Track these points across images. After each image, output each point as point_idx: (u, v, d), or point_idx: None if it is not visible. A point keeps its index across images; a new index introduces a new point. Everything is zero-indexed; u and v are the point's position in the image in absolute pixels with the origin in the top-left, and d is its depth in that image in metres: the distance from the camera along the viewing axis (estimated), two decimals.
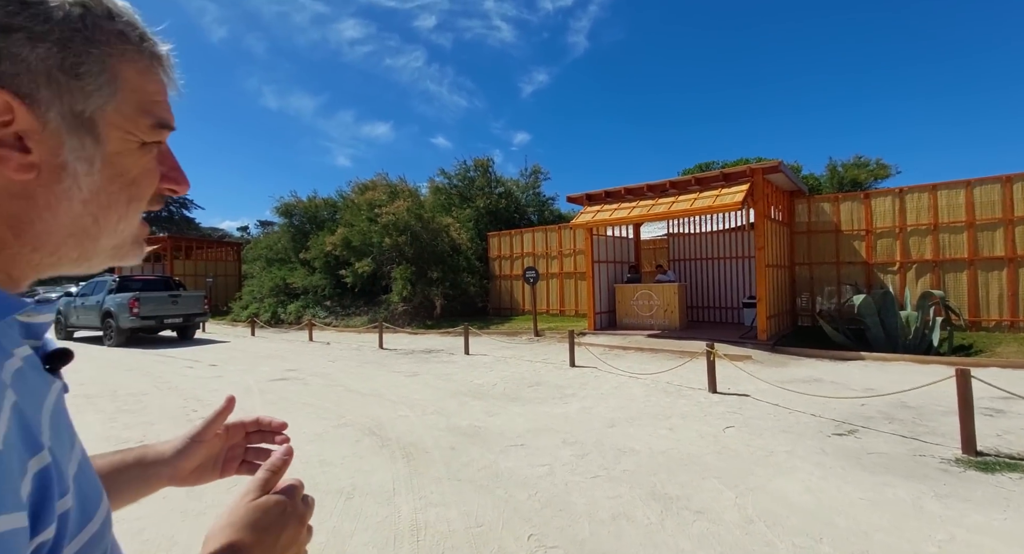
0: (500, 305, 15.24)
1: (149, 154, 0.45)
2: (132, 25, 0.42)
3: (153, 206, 0.47)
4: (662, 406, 5.07)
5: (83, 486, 0.40)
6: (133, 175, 0.44)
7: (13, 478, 0.32)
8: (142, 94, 0.43)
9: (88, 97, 0.39)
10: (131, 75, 0.42)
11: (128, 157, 0.43)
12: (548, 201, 19.75)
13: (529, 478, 3.29)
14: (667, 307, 10.19)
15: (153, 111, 0.44)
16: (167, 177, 0.47)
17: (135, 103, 0.42)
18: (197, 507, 2.89)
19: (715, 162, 24.51)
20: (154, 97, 0.44)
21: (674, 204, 9.10)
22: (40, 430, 0.36)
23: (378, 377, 6.98)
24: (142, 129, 0.43)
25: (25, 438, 0.34)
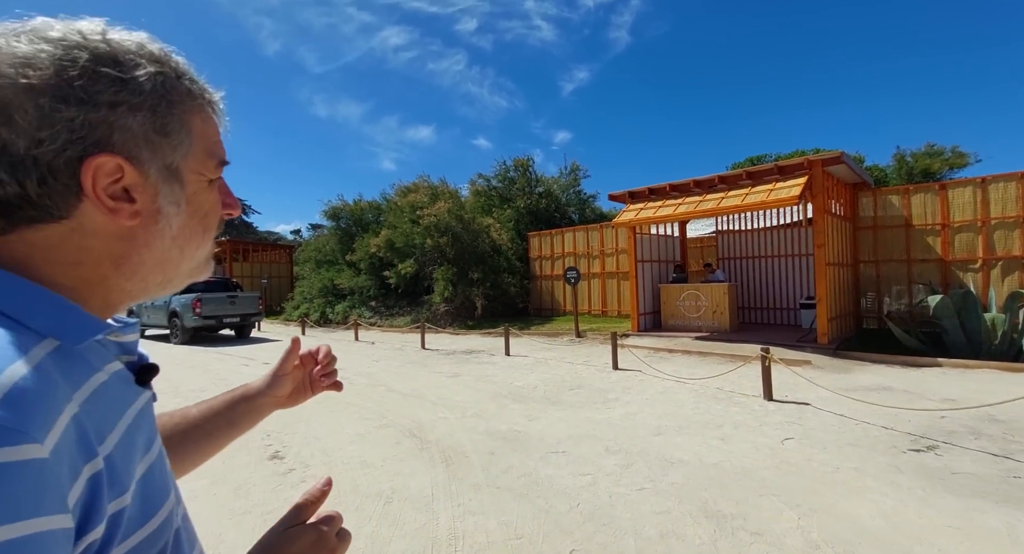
0: (541, 306, 15.12)
1: (215, 189, 0.53)
2: (193, 80, 0.50)
3: (218, 230, 0.55)
4: (712, 414, 4.80)
5: (147, 489, 0.45)
6: (206, 209, 0.52)
7: (61, 485, 0.36)
8: (207, 139, 0.51)
9: (175, 150, 0.48)
10: (198, 124, 0.50)
11: (202, 195, 0.51)
12: (589, 200, 19.44)
13: (570, 488, 3.16)
14: (716, 308, 9.73)
15: (216, 152, 0.52)
16: (225, 204, 0.55)
17: (203, 148, 0.51)
18: (244, 505, 2.97)
19: (767, 155, 23.27)
20: (214, 138, 0.52)
21: (723, 200, 8.65)
22: (104, 438, 0.41)
23: (419, 377, 7.04)
24: (209, 169, 0.51)
25: (82, 447, 0.39)
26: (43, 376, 0.38)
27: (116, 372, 0.47)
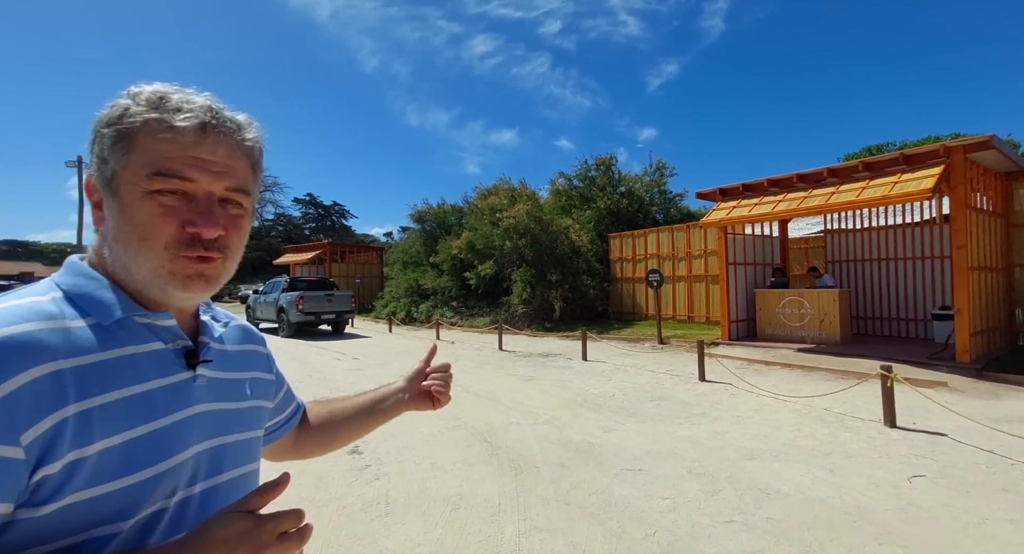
0: (621, 309, 14.57)
1: (152, 202, 0.57)
2: (162, 108, 0.57)
3: (187, 249, 0.58)
4: (819, 439, 4.21)
5: (132, 450, 0.53)
6: (139, 219, 0.57)
7: (10, 422, 0.46)
8: (152, 154, 0.57)
9: (116, 165, 0.57)
10: (145, 142, 0.57)
11: (136, 204, 0.57)
12: (675, 199, 18.39)
13: (647, 512, 2.91)
14: (824, 317, 8.64)
15: (157, 165, 0.56)
16: (189, 222, 0.58)
17: (144, 162, 0.57)
18: (323, 497, 3.12)
19: (889, 144, 20.42)
20: (165, 154, 0.57)
21: (834, 196, 7.65)
22: (87, 396, 0.51)
23: (495, 379, 7.06)
24: (142, 180, 0.57)
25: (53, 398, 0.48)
26: (30, 339, 0.49)
27: (152, 351, 0.59)
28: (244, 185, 0.63)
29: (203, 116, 0.58)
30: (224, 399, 0.68)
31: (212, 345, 0.68)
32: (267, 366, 0.83)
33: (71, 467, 0.49)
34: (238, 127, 0.62)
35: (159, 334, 0.61)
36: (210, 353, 0.67)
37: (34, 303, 0.54)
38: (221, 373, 0.69)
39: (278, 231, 53.51)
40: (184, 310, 0.67)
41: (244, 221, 0.65)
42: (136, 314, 0.59)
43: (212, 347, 0.68)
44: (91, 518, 0.51)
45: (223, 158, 0.60)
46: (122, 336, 0.57)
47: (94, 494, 0.50)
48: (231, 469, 0.67)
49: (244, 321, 0.84)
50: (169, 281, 0.59)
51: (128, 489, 0.52)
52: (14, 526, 0.48)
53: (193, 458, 0.60)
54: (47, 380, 0.48)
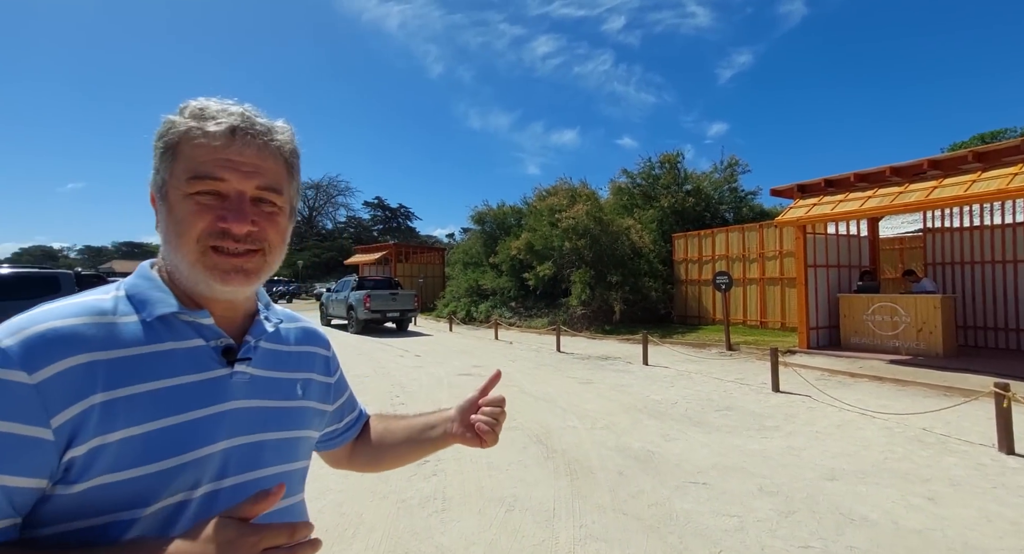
0: (685, 313, 13.92)
1: (191, 202, 0.61)
2: (201, 118, 0.62)
3: (219, 240, 0.61)
4: (915, 462, 3.74)
5: (154, 439, 0.56)
6: (180, 217, 0.61)
7: (45, 405, 0.51)
8: (191, 161, 0.61)
9: (164, 173, 0.63)
10: (186, 151, 0.61)
11: (178, 205, 0.61)
12: (747, 197, 17.27)
13: (711, 529, 2.73)
14: (923, 326, 7.72)
15: (195, 170, 0.61)
16: (221, 218, 0.61)
17: (184, 169, 0.61)
18: (384, 490, 3.23)
19: (1008, 131, 17.91)
20: (201, 159, 0.61)
21: (936, 190, 6.81)
22: (115, 387, 0.55)
23: (552, 381, 6.99)
24: (183, 184, 0.61)
25: (83, 386, 0.53)
26: (69, 333, 0.55)
27: (191, 348, 0.63)
28: (275, 184, 0.65)
29: (233, 121, 0.62)
30: (267, 396, 0.69)
31: (260, 344, 0.70)
32: (325, 368, 0.84)
33: (95, 452, 0.53)
34: (268, 130, 0.65)
35: (201, 332, 0.65)
36: (252, 351, 0.69)
37: (94, 300, 0.60)
38: (267, 371, 0.71)
39: (349, 233, 56.85)
40: (235, 308, 0.70)
41: (279, 218, 0.67)
42: (179, 312, 0.63)
43: (259, 346, 0.70)
44: (114, 501, 0.54)
45: (252, 159, 0.63)
46: (163, 333, 0.61)
47: (116, 479, 0.54)
48: (270, 466, 0.68)
49: (309, 323, 0.86)
50: (209, 276, 0.62)
51: (146, 478, 0.55)
52: (52, 500, 0.53)
53: (221, 453, 0.62)
54: (80, 370, 0.53)
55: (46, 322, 0.54)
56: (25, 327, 0.53)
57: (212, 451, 0.61)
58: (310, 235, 55.70)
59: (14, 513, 0.51)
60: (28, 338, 0.52)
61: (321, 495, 3.08)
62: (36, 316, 0.55)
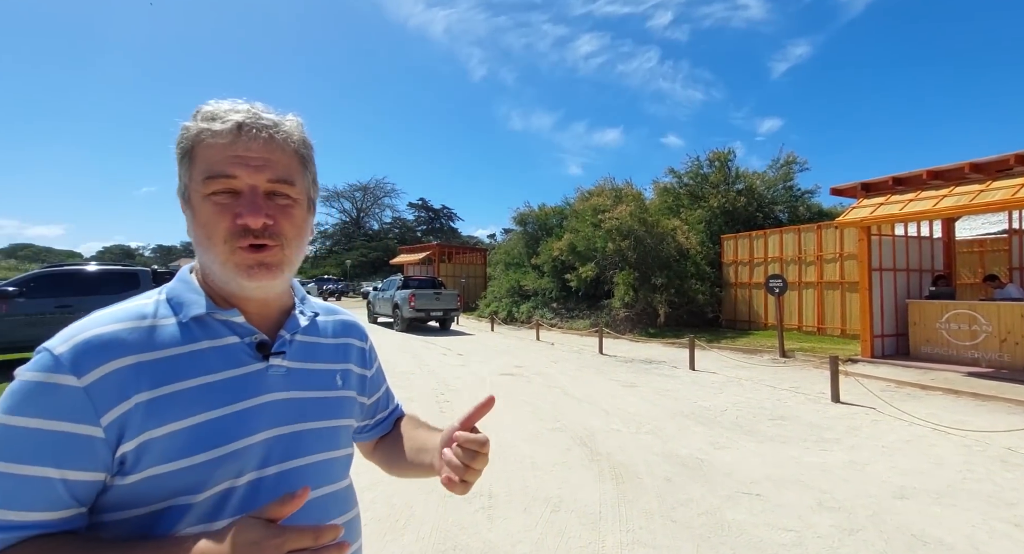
0: (735, 317, 13.37)
1: (210, 203, 0.63)
2: (211, 119, 0.64)
3: (242, 239, 0.63)
4: (998, 483, 3.42)
5: (197, 433, 0.60)
6: (204, 219, 0.64)
7: (95, 405, 0.56)
8: (206, 163, 0.63)
9: (185, 178, 0.66)
10: (200, 153, 0.64)
11: (200, 207, 0.64)
12: (803, 196, 16.38)
13: (767, 543, 2.61)
14: (1007, 335, 7.04)
15: (211, 170, 0.63)
16: (238, 215, 0.63)
17: (201, 170, 0.64)
18: (431, 484, 3.29)
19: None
20: (214, 159, 0.63)
21: (1023, 189, 6.20)
22: (158, 386, 0.59)
23: (595, 383, 6.90)
24: (200, 185, 0.63)
25: (128, 386, 0.58)
26: (110, 338, 0.59)
27: (226, 345, 0.66)
28: (286, 176, 0.66)
29: (239, 117, 0.63)
30: (306, 388, 0.72)
31: (295, 337, 0.73)
32: (361, 360, 0.85)
33: (143, 446, 0.57)
34: (274, 123, 0.66)
35: (235, 329, 0.68)
36: (287, 345, 0.71)
37: (137, 305, 0.65)
38: (304, 363, 0.73)
39: (394, 233, 58.56)
40: (268, 305, 0.72)
41: (295, 210, 0.67)
42: (213, 312, 0.66)
43: (294, 339, 0.72)
44: (167, 490, 0.58)
45: (260, 152, 0.63)
46: (199, 332, 0.65)
47: (166, 470, 0.58)
48: (311, 454, 0.70)
49: (347, 315, 0.88)
50: (236, 273, 0.64)
51: (194, 468, 0.59)
52: (112, 490, 0.58)
53: (263, 442, 0.65)
54: (124, 372, 0.58)
55: (92, 329, 0.59)
56: (75, 335, 0.58)
57: (253, 442, 0.64)
58: (357, 235, 57.83)
59: (76, 503, 0.56)
60: (76, 344, 0.57)
61: (373, 486, 3.19)
62: (85, 323, 0.60)
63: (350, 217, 61.21)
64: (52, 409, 0.55)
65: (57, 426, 0.54)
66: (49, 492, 0.54)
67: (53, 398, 0.55)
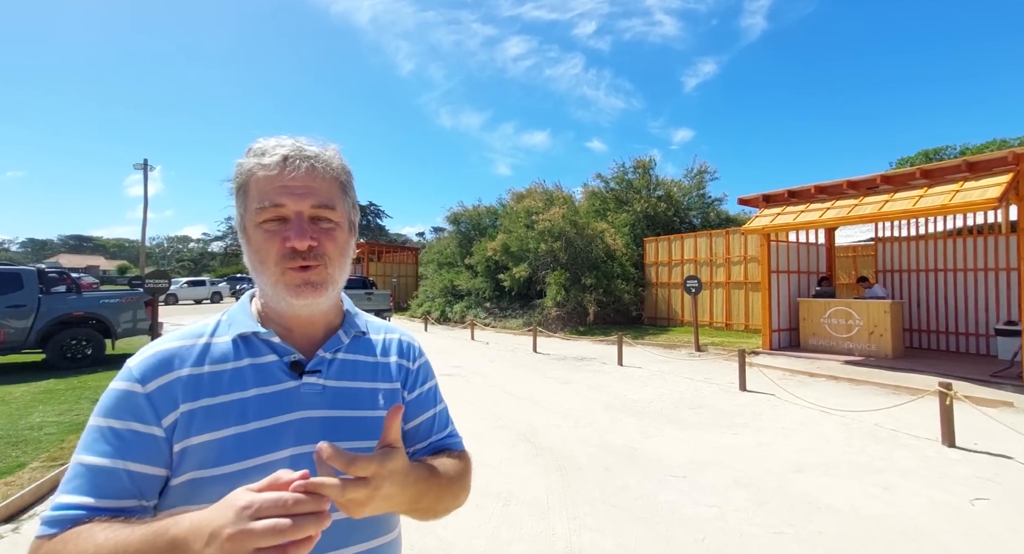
0: (656, 315, 14.38)
1: (261, 231, 0.70)
2: (260, 154, 0.70)
3: (290, 261, 0.69)
4: (871, 455, 4.09)
5: (226, 443, 0.65)
6: (256, 246, 0.70)
7: (155, 409, 0.65)
8: (257, 195, 0.70)
9: (241, 210, 0.72)
10: (252, 188, 0.70)
11: (254, 235, 0.70)
12: (713, 203, 17.98)
13: (694, 518, 2.93)
14: (874, 329, 8.31)
15: (261, 202, 0.69)
16: (286, 238, 0.69)
17: (254, 203, 0.70)
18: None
19: (948, 148, 19.35)
20: (263, 192, 0.69)
21: (887, 204, 7.36)
22: (197, 399, 0.66)
23: (532, 381, 7.14)
24: (253, 216, 0.70)
25: (178, 396, 0.66)
26: (169, 354, 0.68)
27: (263, 363, 0.71)
28: (328, 201, 0.71)
29: (285, 151, 0.70)
30: (342, 407, 0.73)
31: (336, 356, 0.76)
32: (404, 380, 0.83)
33: (183, 452, 0.65)
34: (316, 154, 0.72)
35: (274, 348, 0.73)
36: (324, 364, 0.74)
37: (200, 325, 0.74)
38: (342, 382, 0.75)
39: None
40: (313, 324, 0.76)
41: (337, 233, 0.73)
42: (257, 332, 0.72)
43: (335, 358, 0.75)
44: (205, 495, 0.60)
45: (304, 181, 0.70)
46: (243, 350, 0.72)
47: (201, 476, 0.64)
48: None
49: (403, 334, 0.87)
50: (285, 292, 0.70)
51: (223, 477, 0.64)
52: (167, 491, 0.65)
53: (288, 459, 0.67)
54: (175, 384, 0.67)
55: (158, 346, 0.70)
56: (146, 351, 0.69)
57: (278, 457, 0.66)
58: None
59: (139, 494, 0.63)
60: (144, 359, 0.68)
61: None
62: (157, 341, 0.71)
63: None
64: (126, 411, 0.65)
65: (128, 425, 0.64)
66: (115, 481, 0.62)
67: (126, 403, 0.65)
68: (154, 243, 71.66)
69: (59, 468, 3.55)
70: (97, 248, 69.96)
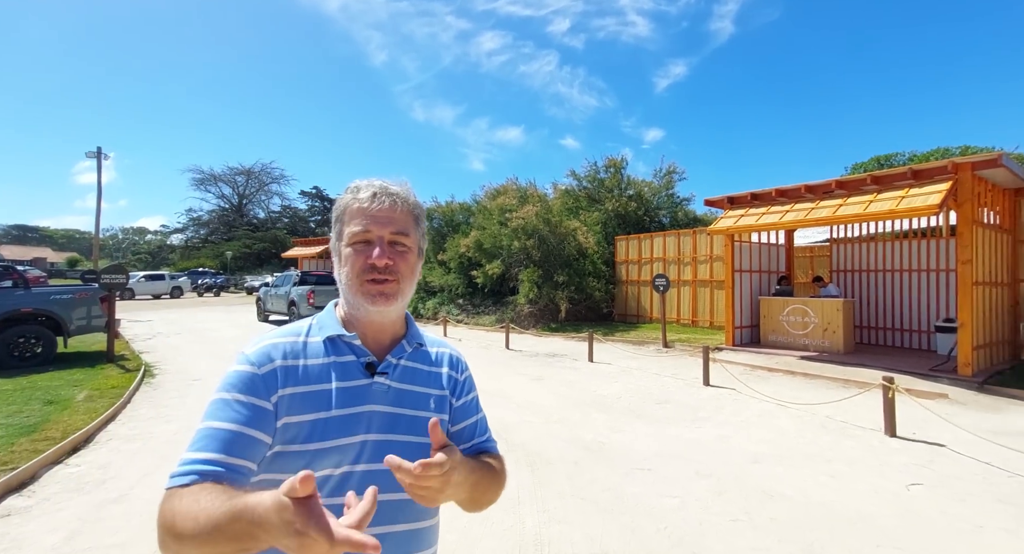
0: (626, 312, 14.71)
1: (351, 250, 0.88)
2: (356, 191, 0.90)
3: (369, 274, 0.86)
4: (821, 445, 4.36)
5: (314, 426, 0.80)
6: (346, 262, 0.88)
7: (267, 388, 0.80)
8: (350, 224, 0.88)
9: (338, 238, 0.91)
10: (347, 219, 0.89)
11: (345, 253, 0.88)
12: (682, 203, 18.48)
13: (657, 509, 3.08)
14: (828, 326, 8.78)
15: (352, 232, 0.88)
16: (369, 256, 0.87)
17: (347, 231, 0.88)
18: None
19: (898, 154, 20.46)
20: (355, 222, 0.88)
21: (841, 208, 7.77)
22: (287, 385, 0.81)
23: (504, 378, 7.23)
24: (345, 241, 0.89)
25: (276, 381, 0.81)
26: (275, 347, 0.85)
27: (345, 361, 0.87)
28: (404, 229, 0.90)
29: (374, 189, 0.89)
30: (402, 405, 0.89)
31: (400, 362, 0.91)
32: (453, 389, 0.97)
33: (284, 427, 0.79)
34: (397, 192, 0.91)
35: (354, 350, 0.89)
36: (391, 367, 0.90)
37: (298, 325, 0.91)
38: (404, 384, 0.90)
39: (284, 223, 53.78)
40: (383, 331, 0.92)
41: (409, 255, 0.91)
42: (341, 335, 0.88)
43: (400, 364, 0.91)
44: (292, 466, 0.77)
45: (387, 213, 0.88)
46: (330, 349, 0.88)
47: (288, 450, 0.79)
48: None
49: (452, 349, 1.03)
50: (363, 299, 0.86)
51: (306, 453, 0.79)
52: (272, 456, 0.79)
53: (359, 443, 0.82)
54: (279, 370, 0.82)
55: (268, 339, 0.86)
56: (259, 342, 0.86)
57: (352, 441, 0.82)
58: (240, 224, 51.99)
59: (253, 456, 0.76)
60: (258, 349, 0.84)
61: None
62: (266, 335, 0.88)
63: (231, 203, 54.83)
64: (248, 388, 0.79)
65: (250, 399, 0.78)
66: (240, 442, 0.75)
67: (248, 381, 0.80)
68: (108, 234, 68.05)
69: (9, 472, 3.40)
70: (44, 239, 65.87)
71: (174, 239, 55.21)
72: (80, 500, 3.22)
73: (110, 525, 2.88)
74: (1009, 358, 8.02)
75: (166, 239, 56.70)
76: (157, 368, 7.69)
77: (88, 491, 3.36)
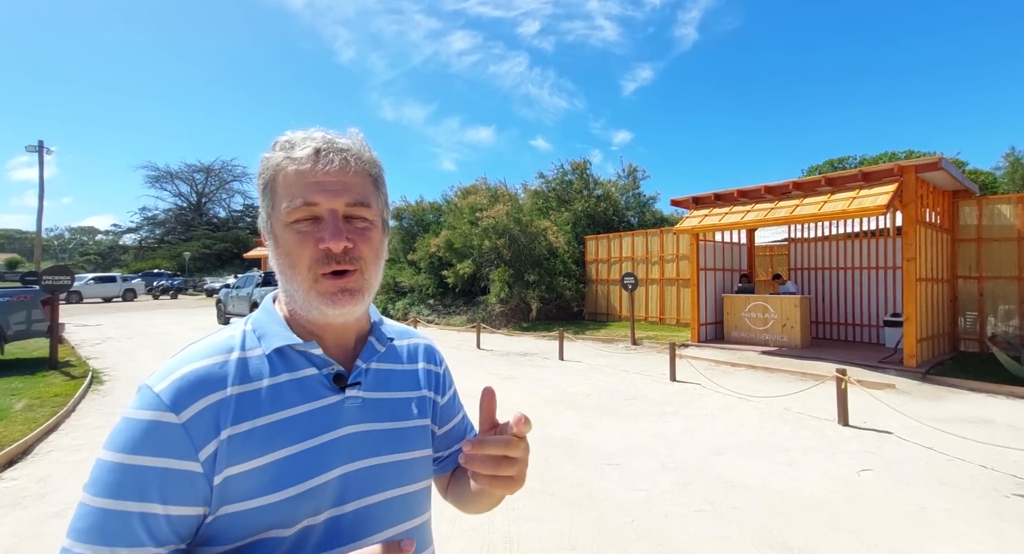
0: (596, 310, 14.92)
1: (293, 231, 0.64)
2: (289, 147, 0.65)
3: (324, 266, 0.63)
4: (779, 436, 4.53)
5: (280, 469, 0.59)
6: (287, 248, 0.64)
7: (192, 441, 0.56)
8: (286, 191, 0.64)
9: (267, 208, 0.67)
10: (280, 183, 0.65)
11: (282, 235, 0.64)
12: (648, 202, 18.92)
13: (625, 503, 3.12)
14: (786, 322, 9.14)
15: (291, 199, 0.63)
16: (320, 239, 0.63)
17: (282, 199, 0.64)
18: None
19: (850, 158, 21.53)
20: (293, 189, 0.64)
21: (798, 208, 8.12)
22: (239, 423, 0.58)
23: (475, 377, 7.20)
24: (282, 215, 0.64)
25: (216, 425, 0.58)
26: (198, 375, 0.59)
27: (303, 377, 0.65)
28: (363, 199, 0.66)
29: (316, 144, 0.64)
30: (381, 419, 0.69)
31: (371, 366, 0.71)
32: (435, 386, 0.81)
33: (227, 482, 0.57)
34: (348, 147, 0.66)
35: (313, 361, 0.66)
36: (363, 375, 0.69)
37: (226, 337, 0.65)
38: (379, 393, 0.71)
39: (246, 222, 51.92)
40: (345, 332, 0.70)
41: (372, 233, 0.67)
42: (292, 344, 0.65)
43: (370, 368, 0.71)
44: (252, 527, 0.58)
45: (337, 177, 0.64)
46: (280, 365, 0.64)
47: (252, 506, 0.57)
48: (388, 489, 0.67)
49: (423, 338, 0.84)
50: (320, 302, 0.63)
51: (277, 505, 0.58)
52: (212, 523, 0.58)
53: (339, 479, 0.63)
54: (213, 407, 0.58)
55: (187, 365, 0.60)
56: (172, 371, 0.59)
57: (328, 478, 0.62)
58: (199, 224, 49.86)
59: (178, 540, 0.56)
60: (174, 381, 0.58)
61: None
62: (180, 359, 0.61)
63: (188, 202, 52.51)
64: (155, 446, 0.55)
65: (161, 462, 0.55)
66: (156, 528, 0.54)
67: (156, 435, 0.55)
68: (52, 234, 63.94)
69: None
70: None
71: (127, 239, 52.41)
72: (17, 515, 3.01)
73: (50, 541, 2.70)
74: (949, 350, 8.56)
75: (118, 239, 53.73)
76: (106, 374, 7.28)
77: (26, 506, 3.14)
